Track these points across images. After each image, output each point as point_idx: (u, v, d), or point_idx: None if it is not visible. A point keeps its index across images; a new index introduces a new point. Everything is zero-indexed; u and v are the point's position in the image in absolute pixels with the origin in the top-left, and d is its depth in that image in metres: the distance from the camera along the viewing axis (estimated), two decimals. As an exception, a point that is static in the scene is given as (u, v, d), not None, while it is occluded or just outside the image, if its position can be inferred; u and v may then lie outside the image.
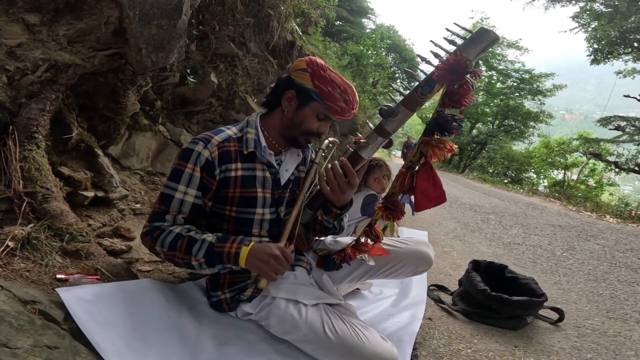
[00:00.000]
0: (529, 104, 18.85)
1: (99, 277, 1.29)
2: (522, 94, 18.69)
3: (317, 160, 1.35)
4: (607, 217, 5.85)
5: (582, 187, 14.20)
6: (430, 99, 1.11)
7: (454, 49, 1.03)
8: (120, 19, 1.57)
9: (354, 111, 1.22)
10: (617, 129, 11.45)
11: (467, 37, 1.02)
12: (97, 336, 0.98)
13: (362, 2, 17.24)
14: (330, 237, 1.49)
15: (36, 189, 1.43)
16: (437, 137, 1.09)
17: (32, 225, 1.35)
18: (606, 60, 11.30)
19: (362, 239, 1.31)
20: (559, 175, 15.77)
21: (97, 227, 1.74)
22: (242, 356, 1.16)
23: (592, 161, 14.90)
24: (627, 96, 11.33)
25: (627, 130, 11.34)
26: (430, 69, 1.11)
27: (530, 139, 18.75)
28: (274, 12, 3.65)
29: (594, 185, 14.90)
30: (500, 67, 18.80)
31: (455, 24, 1.14)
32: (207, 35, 2.90)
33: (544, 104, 18.57)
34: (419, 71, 1.20)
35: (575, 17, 11.72)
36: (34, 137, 1.50)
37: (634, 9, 9.90)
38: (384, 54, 17.41)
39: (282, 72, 3.85)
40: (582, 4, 11.38)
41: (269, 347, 1.22)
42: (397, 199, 1.20)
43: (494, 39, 1.00)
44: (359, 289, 1.82)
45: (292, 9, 4.42)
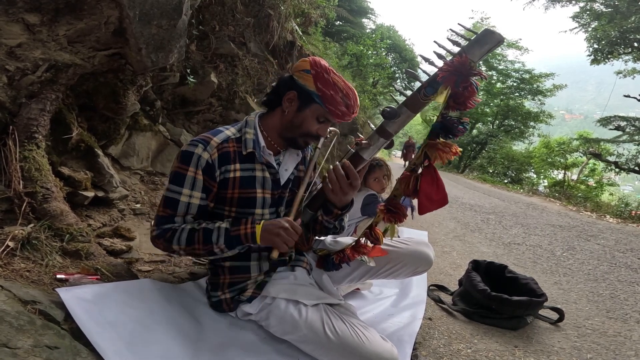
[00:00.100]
0: (529, 104, 18.83)
1: (99, 277, 1.29)
2: (522, 94, 18.68)
3: (320, 145, 1.35)
4: (607, 217, 5.85)
5: (582, 187, 14.20)
6: (433, 100, 1.10)
7: (457, 50, 1.02)
8: (120, 19, 1.57)
9: (354, 115, 1.21)
10: (617, 129, 11.45)
11: (472, 39, 1.00)
12: (97, 336, 0.99)
13: (362, 2, 17.24)
14: (330, 237, 1.49)
15: (36, 189, 1.43)
16: (442, 140, 1.08)
17: (32, 225, 1.35)
18: (606, 60, 11.30)
19: (362, 241, 1.31)
20: (559, 175, 15.77)
21: (97, 227, 1.74)
22: (242, 356, 1.16)
23: (592, 161, 14.90)
24: (627, 96, 11.33)
25: (627, 130, 11.34)
26: (432, 70, 1.10)
27: (530, 139, 18.74)
28: (274, 12, 3.65)
29: (594, 185, 14.90)
30: (500, 67, 18.78)
31: (459, 24, 1.14)
32: (207, 35, 2.90)
33: (544, 104, 18.56)
34: (419, 71, 1.19)
35: (575, 17, 11.72)
36: (34, 137, 1.50)
37: (634, 9, 9.90)
38: (384, 54, 17.40)
39: (282, 72, 3.86)
40: (582, 4, 11.38)
41: (269, 347, 1.22)
42: (399, 202, 1.19)
43: (499, 41, 0.98)
44: (359, 289, 1.82)
45: (292, 9, 4.42)
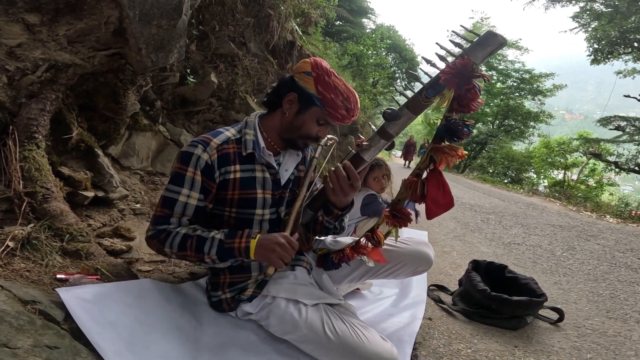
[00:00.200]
0: (529, 104, 18.82)
1: (99, 277, 1.29)
2: (522, 94, 18.66)
3: (317, 155, 1.35)
4: (607, 217, 5.85)
5: (582, 187, 14.20)
6: (434, 102, 1.10)
7: (459, 51, 1.02)
8: (120, 19, 1.57)
9: (354, 118, 1.21)
10: (617, 129, 11.46)
11: (474, 40, 1.00)
12: (97, 336, 0.99)
13: (362, 2, 17.25)
14: (330, 237, 1.49)
15: (36, 189, 1.43)
16: (447, 143, 1.08)
17: (32, 225, 1.35)
18: (606, 60, 11.30)
19: (362, 242, 1.31)
20: (559, 175, 15.77)
21: (97, 227, 1.74)
22: (242, 356, 1.16)
23: (592, 161, 14.91)
24: (627, 96, 11.34)
25: (627, 130, 11.34)
26: (432, 71, 1.10)
27: (530, 139, 18.72)
28: (274, 12, 3.65)
29: (594, 185, 14.90)
30: (500, 67, 18.76)
31: (461, 26, 1.13)
32: (207, 35, 2.90)
33: (544, 104, 18.54)
34: (420, 72, 1.19)
35: (575, 17, 11.72)
36: (34, 137, 1.50)
37: (634, 9, 9.90)
38: (384, 54, 17.41)
39: (282, 72, 3.86)
40: (582, 4, 11.39)
41: (269, 347, 1.22)
42: (403, 206, 1.19)
43: (502, 43, 0.98)
44: (359, 289, 1.82)
45: (292, 9, 4.42)
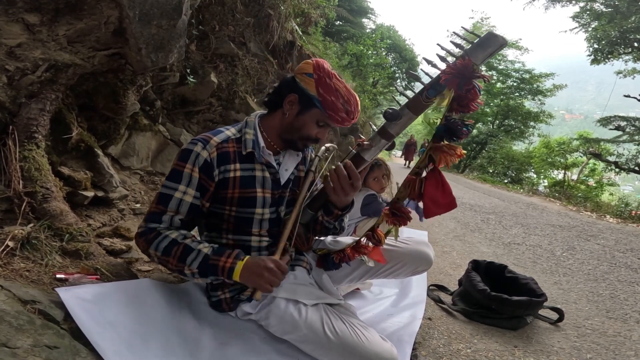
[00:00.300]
0: (529, 104, 18.81)
1: (98, 277, 1.29)
2: (522, 94, 18.66)
3: (314, 168, 1.35)
4: (607, 217, 5.85)
5: (582, 187, 14.19)
6: (435, 102, 1.10)
7: (460, 52, 1.02)
8: (120, 19, 1.57)
9: (354, 121, 1.21)
10: (617, 129, 11.46)
11: (475, 41, 1.00)
12: (97, 336, 0.98)
13: (362, 2, 17.24)
14: (330, 237, 1.49)
15: (36, 189, 1.43)
16: (446, 142, 1.08)
17: (32, 225, 1.35)
18: (606, 60, 11.30)
19: (362, 241, 1.31)
20: (559, 175, 15.77)
21: (97, 227, 1.74)
22: (242, 356, 1.16)
23: (592, 161, 14.91)
24: (627, 96, 11.33)
25: (627, 130, 11.34)
26: (433, 71, 1.10)
27: (530, 139, 18.72)
28: (274, 12, 3.65)
29: (594, 185, 14.89)
30: (500, 67, 18.76)
31: (462, 27, 1.13)
32: (207, 35, 2.90)
33: (544, 104, 18.54)
34: (420, 72, 1.19)
35: (575, 17, 11.72)
36: (33, 137, 1.50)
37: (634, 9, 9.90)
38: (384, 54, 17.40)
39: (282, 72, 3.86)
40: (582, 4, 11.39)
41: (269, 347, 1.22)
42: (402, 205, 1.19)
43: (502, 44, 0.99)
44: (359, 289, 1.82)
45: (292, 8, 4.42)
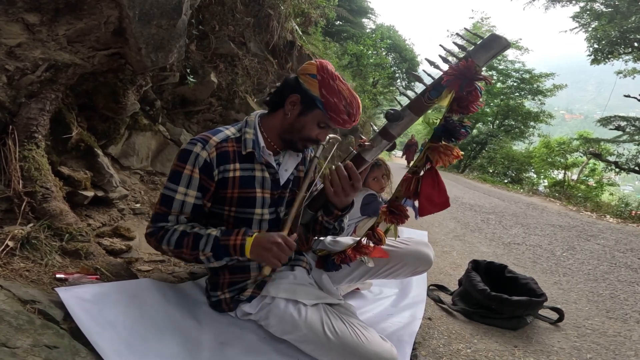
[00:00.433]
0: (529, 104, 18.80)
1: (98, 276, 1.29)
2: (522, 93, 18.65)
3: (318, 154, 1.35)
4: (607, 217, 5.85)
5: (582, 187, 14.17)
6: (436, 103, 1.10)
7: (462, 53, 1.02)
8: (120, 18, 1.56)
9: (355, 123, 1.21)
10: (617, 129, 11.44)
11: (478, 43, 1.00)
12: (97, 336, 0.99)
13: (362, 2, 17.23)
14: (329, 237, 1.49)
15: (36, 189, 1.43)
16: (444, 143, 1.09)
17: (31, 224, 1.35)
18: (606, 60, 11.29)
19: (363, 241, 1.31)
20: (559, 175, 15.75)
21: (97, 227, 1.74)
22: (242, 356, 1.16)
23: (592, 161, 14.88)
24: (628, 96, 11.32)
25: (627, 130, 11.32)
26: (434, 72, 1.10)
27: (530, 138, 18.70)
28: (274, 12, 3.65)
29: (594, 185, 14.87)
30: (500, 67, 18.75)
31: (465, 28, 1.14)
32: (207, 35, 2.90)
33: (544, 104, 18.53)
34: (421, 71, 1.19)
35: (575, 17, 11.71)
36: (33, 136, 1.50)
37: (634, 8, 9.90)
38: (384, 53, 17.38)
39: (282, 72, 3.86)
40: (582, 4, 11.37)
41: (268, 347, 1.22)
42: (400, 203, 1.19)
43: (505, 46, 0.99)
44: (358, 289, 1.82)
45: (292, 8, 4.41)
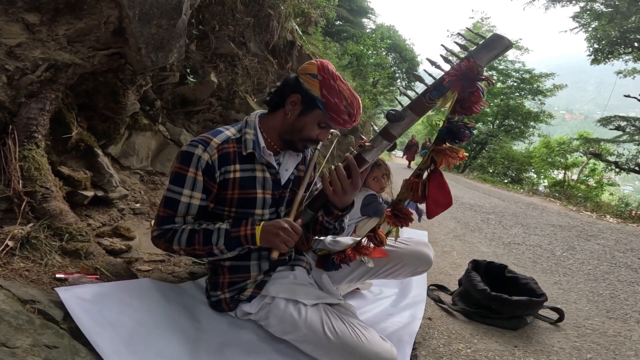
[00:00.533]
0: (529, 104, 18.80)
1: (98, 276, 1.29)
2: (522, 93, 18.65)
3: (319, 147, 1.34)
4: (607, 217, 5.84)
5: (583, 187, 14.17)
6: (438, 104, 1.10)
7: (464, 53, 1.02)
8: (120, 18, 1.56)
9: (355, 123, 1.21)
10: (618, 129, 11.44)
11: (480, 43, 1.00)
12: (96, 336, 0.99)
13: (362, 2, 17.23)
14: (330, 237, 1.49)
15: (36, 189, 1.43)
16: (449, 145, 1.08)
17: (31, 224, 1.35)
18: (606, 60, 11.29)
19: (364, 242, 1.31)
20: (559, 175, 15.74)
21: (97, 227, 1.74)
22: (242, 356, 1.16)
23: (592, 161, 14.88)
24: (628, 96, 11.32)
25: (628, 130, 11.32)
26: (434, 72, 1.09)
27: (530, 138, 18.70)
28: (274, 12, 3.65)
29: (594, 185, 14.87)
30: (500, 67, 18.74)
31: (467, 28, 1.13)
32: (207, 35, 2.90)
33: (544, 104, 18.53)
34: (422, 71, 1.19)
35: (575, 17, 11.71)
36: (33, 136, 1.50)
37: (635, 8, 9.89)
38: (384, 53, 17.38)
39: (282, 72, 3.86)
40: (582, 4, 11.37)
41: (268, 347, 1.22)
42: (404, 206, 1.19)
43: (507, 46, 0.98)
44: (358, 289, 1.82)
45: (292, 8, 4.41)
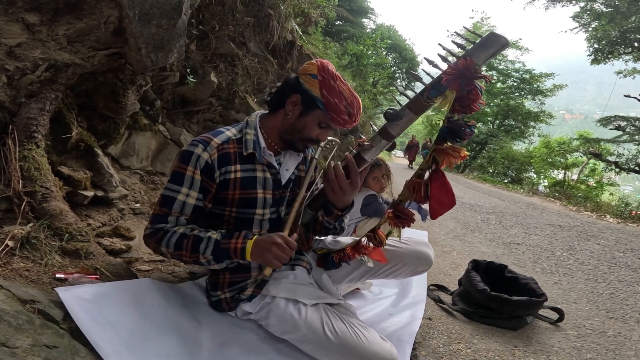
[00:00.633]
0: (529, 104, 18.81)
1: (98, 276, 1.29)
2: (523, 93, 18.66)
3: (317, 156, 1.35)
4: (607, 217, 5.84)
5: (583, 187, 14.17)
6: (436, 103, 1.10)
7: (462, 52, 1.02)
8: (120, 18, 1.56)
9: (355, 123, 1.21)
10: (618, 129, 11.44)
11: (477, 42, 1.00)
12: (96, 336, 0.98)
13: (362, 2, 17.24)
14: (330, 237, 1.49)
15: (36, 189, 1.43)
16: (450, 144, 1.08)
17: (31, 224, 1.35)
18: (606, 60, 11.30)
19: (363, 242, 1.31)
20: (559, 175, 15.75)
21: (97, 227, 1.74)
22: (242, 356, 1.16)
23: (592, 161, 14.88)
24: (628, 96, 11.32)
25: (628, 130, 11.33)
26: (434, 71, 1.09)
27: (530, 138, 18.71)
28: (274, 12, 3.65)
29: (594, 185, 14.87)
30: (500, 67, 18.75)
31: (464, 27, 1.13)
32: (207, 35, 2.90)
33: (544, 104, 18.54)
34: (420, 71, 1.19)
35: (575, 17, 11.71)
36: (33, 136, 1.50)
37: (635, 8, 9.90)
38: (384, 53, 17.39)
39: (282, 72, 3.86)
40: (582, 4, 11.38)
41: (268, 347, 1.22)
42: (405, 207, 1.19)
43: (504, 44, 0.98)
44: (359, 289, 1.82)
45: (292, 8, 4.42)
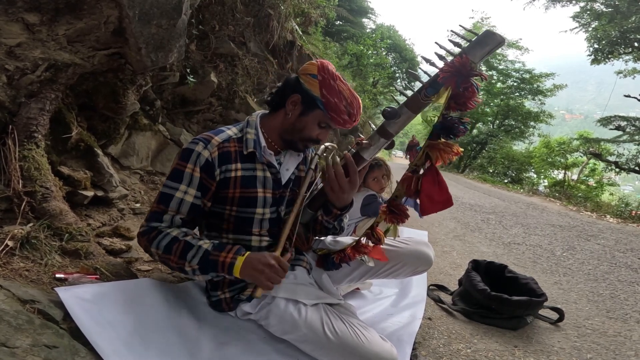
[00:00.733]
0: (529, 104, 18.84)
1: (98, 276, 1.29)
2: (523, 93, 18.69)
3: (313, 166, 1.35)
4: (607, 217, 5.85)
5: (583, 187, 14.18)
6: (433, 101, 1.10)
7: (458, 50, 1.02)
8: (120, 18, 1.56)
9: (355, 123, 1.21)
10: (618, 129, 11.44)
11: (473, 40, 1.00)
12: (96, 336, 0.98)
13: (362, 2, 17.24)
14: (330, 237, 1.49)
15: (36, 189, 1.43)
16: (443, 140, 1.08)
17: (31, 224, 1.35)
18: (606, 60, 11.30)
19: (362, 241, 1.31)
20: (559, 175, 15.75)
21: (97, 227, 1.74)
22: (242, 356, 1.16)
23: (592, 161, 14.88)
24: (628, 96, 11.32)
25: (628, 130, 11.32)
26: (433, 70, 1.10)
27: (530, 138, 18.74)
28: (274, 12, 3.65)
29: (594, 185, 14.87)
30: (500, 67, 18.78)
31: (460, 25, 1.14)
32: (207, 35, 2.90)
33: (544, 104, 18.57)
34: (420, 71, 1.19)
35: (575, 17, 11.71)
36: (33, 136, 1.50)
37: (635, 8, 9.90)
38: (384, 53, 17.38)
39: (282, 72, 3.86)
40: (582, 4, 11.38)
41: (268, 347, 1.22)
42: (400, 203, 1.19)
43: (500, 42, 0.98)
44: (358, 289, 1.82)
45: (292, 8, 4.41)
